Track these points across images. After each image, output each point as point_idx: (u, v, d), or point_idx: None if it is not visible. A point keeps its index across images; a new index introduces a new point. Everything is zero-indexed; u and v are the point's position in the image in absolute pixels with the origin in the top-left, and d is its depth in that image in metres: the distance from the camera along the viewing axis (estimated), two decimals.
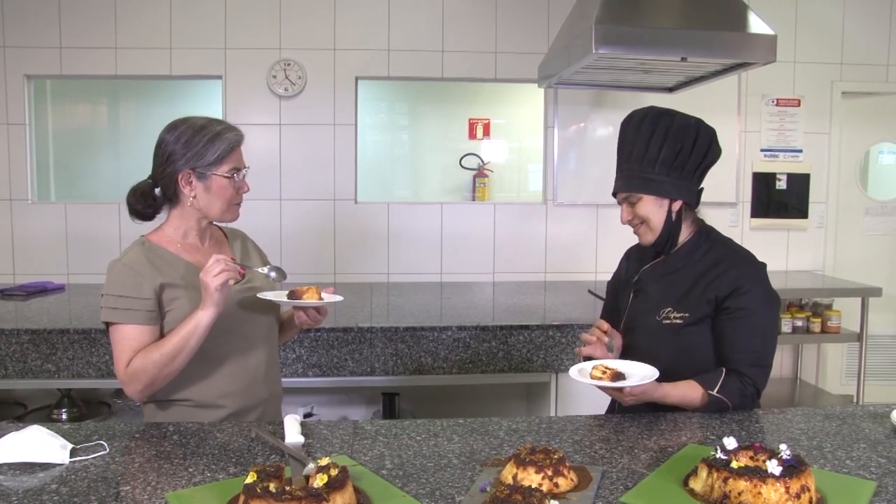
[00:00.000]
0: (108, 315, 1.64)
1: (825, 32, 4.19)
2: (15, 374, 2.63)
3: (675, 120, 1.72)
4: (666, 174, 1.70)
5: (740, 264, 1.73)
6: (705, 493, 1.21)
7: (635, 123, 1.76)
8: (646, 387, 1.58)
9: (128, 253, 1.71)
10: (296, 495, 1.06)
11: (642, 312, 1.81)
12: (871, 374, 3.95)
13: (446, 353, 2.76)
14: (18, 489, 1.25)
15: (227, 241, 1.89)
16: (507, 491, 1.10)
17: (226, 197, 1.72)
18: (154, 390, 1.66)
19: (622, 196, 1.78)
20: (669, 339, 1.73)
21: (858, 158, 4.34)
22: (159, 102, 4.71)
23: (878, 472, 1.35)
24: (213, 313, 1.60)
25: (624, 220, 1.80)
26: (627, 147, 1.76)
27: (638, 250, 1.95)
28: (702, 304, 1.71)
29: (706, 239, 1.79)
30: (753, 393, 1.68)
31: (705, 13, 2.82)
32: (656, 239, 1.76)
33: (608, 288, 2.04)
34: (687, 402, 1.66)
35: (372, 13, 3.93)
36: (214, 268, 1.57)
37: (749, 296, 1.67)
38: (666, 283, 1.78)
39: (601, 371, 1.58)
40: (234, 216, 1.77)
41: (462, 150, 4.97)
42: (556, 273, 4.11)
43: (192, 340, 1.60)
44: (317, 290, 1.74)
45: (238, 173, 1.73)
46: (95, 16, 3.80)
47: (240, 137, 1.74)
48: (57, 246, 3.85)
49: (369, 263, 4.01)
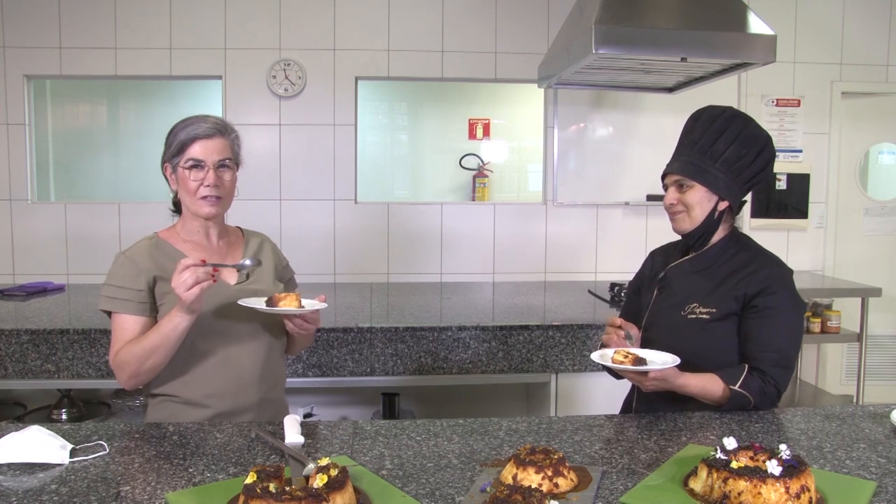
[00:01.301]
0: (104, 303, 1.70)
1: (825, 32, 4.19)
2: (15, 374, 2.62)
3: (750, 126, 1.75)
4: (724, 172, 1.72)
5: (771, 266, 1.75)
6: (705, 494, 1.21)
7: (709, 117, 1.77)
8: (667, 372, 1.58)
9: (134, 246, 1.76)
10: (296, 495, 1.06)
11: (667, 308, 1.81)
12: (870, 374, 3.96)
13: (446, 353, 2.76)
14: (18, 489, 1.25)
15: (242, 242, 1.88)
16: (507, 491, 1.10)
17: (188, 189, 1.71)
18: (141, 381, 1.69)
19: (673, 179, 1.78)
20: (693, 335, 1.73)
21: (858, 158, 4.34)
22: (159, 102, 4.71)
23: (878, 472, 1.35)
24: (190, 319, 1.61)
25: (667, 202, 1.79)
26: (694, 136, 1.76)
27: (663, 250, 1.96)
28: (729, 301, 1.71)
29: (737, 242, 1.81)
30: (774, 393, 1.67)
31: (705, 13, 2.82)
32: (692, 230, 1.77)
33: (629, 287, 2.04)
34: (707, 395, 1.66)
35: (372, 13, 3.93)
36: (187, 279, 1.53)
37: (777, 296, 1.69)
38: (693, 280, 1.79)
39: (623, 356, 1.59)
40: (206, 211, 1.72)
41: (462, 150, 4.97)
42: (556, 273, 4.11)
43: (171, 341, 1.61)
44: (297, 297, 1.68)
45: (200, 165, 1.70)
46: (95, 16, 3.80)
47: (200, 130, 1.70)
48: (57, 246, 3.85)
49: (369, 263, 4.01)
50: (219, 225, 1.81)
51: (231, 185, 1.77)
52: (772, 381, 1.66)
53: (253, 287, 1.79)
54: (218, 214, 1.76)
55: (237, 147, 1.80)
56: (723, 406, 1.68)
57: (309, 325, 1.75)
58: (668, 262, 1.88)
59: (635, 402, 1.88)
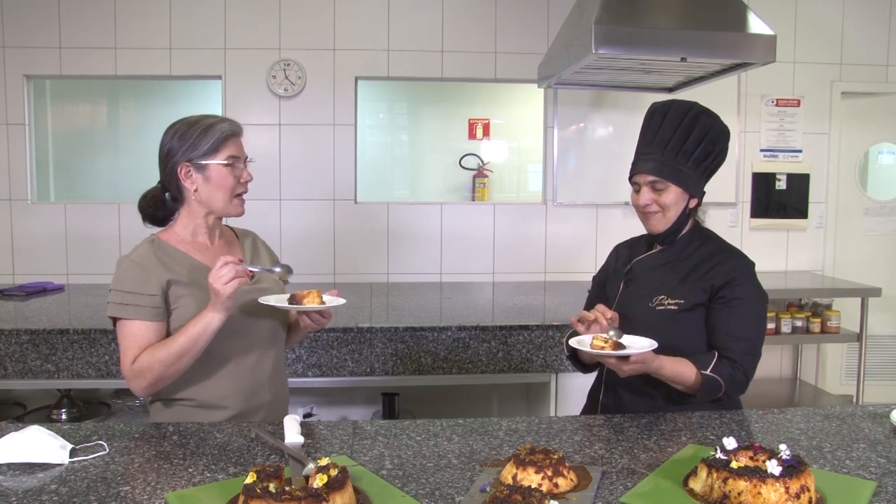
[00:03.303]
0: (114, 310, 1.64)
1: (825, 33, 4.19)
2: (15, 374, 2.62)
3: (717, 123, 1.76)
4: (693, 170, 1.75)
5: (735, 258, 1.79)
6: (705, 494, 1.21)
7: (677, 114, 1.75)
8: (645, 356, 1.59)
9: (136, 249, 1.71)
10: (295, 495, 1.06)
11: (635, 300, 1.83)
12: (870, 374, 3.96)
13: (446, 353, 2.76)
14: (18, 489, 1.25)
15: (237, 241, 1.88)
16: (507, 491, 1.10)
17: (226, 186, 1.70)
18: (158, 388, 1.66)
19: (648, 179, 1.76)
20: (662, 325, 1.74)
21: (858, 158, 4.34)
22: (159, 102, 4.71)
23: (878, 472, 1.35)
24: (223, 317, 1.60)
25: (642, 203, 1.78)
26: (664, 135, 1.75)
27: (628, 244, 1.99)
28: (697, 292, 1.74)
29: (700, 235, 1.84)
30: (743, 380, 1.70)
31: (705, 13, 2.82)
32: (666, 229, 1.78)
33: (594, 281, 2.06)
34: (681, 380, 1.67)
35: (372, 13, 3.93)
36: (226, 274, 1.54)
37: (743, 287, 1.73)
38: (659, 273, 1.82)
39: (602, 341, 1.60)
40: (238, 211, 1.75)
41: (462, 150, 4.97)
42: (555, 273, 4.11)
43: (201, 342, 1.60)
44: (318, 294, 1.71)
45: (238, 161, 1.71)
46: (95, 16, 3.80)
47: (235, 127, 1.73)
48: (56, 246, 3.85)
49: (369, 263, 4.01)
50: (219, 224, 1.82)
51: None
52: (741, 368, 1.69)
53: (261, 286, 1.79)
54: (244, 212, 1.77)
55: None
56: (695, 393, 1.68)
57: (324, 319, 1.78)
58: (633, 256, 1.90)
59: (602, 396, 1.88)
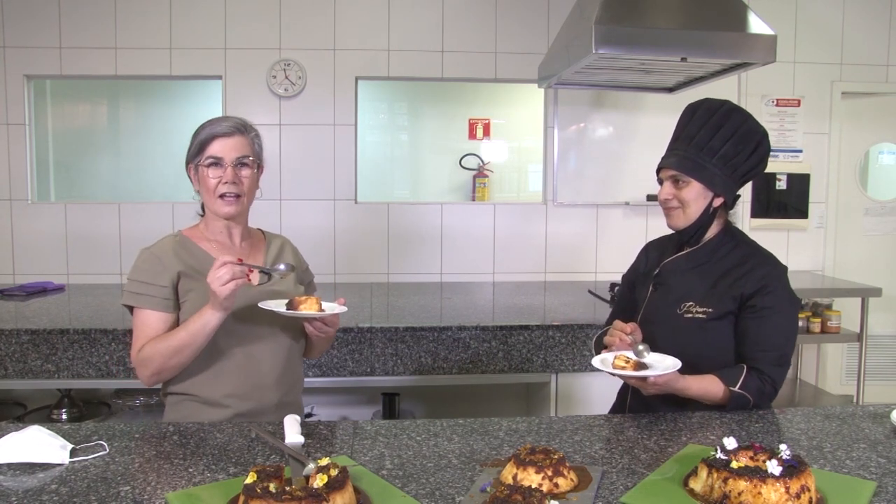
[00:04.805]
0: (127, 298, 1.70)
1: (825, 33, 4.19)
2: (15, 374, 2.62)
3: (748, 121, 1.73)
4: (720, 168, 1.71)
5: (766, 264, 1.74)
6: (705, 494, 1.20)
7: (706, 111, 1.74)
8: (669, 377, 1.58)
9: (159, 242, 1.77)
10: (296, 495, 1.06)
11: (663, 305, 1.80)
12: (870, 374, 3.95)
13: (446, 353, 2.76)
14: (18, 489, 1.25)
15: (263, 244, 1.89)
16: (507, 491, 1.10)
17: (207, 188, 1.73)
18: (163, 378, 1.70)
19: (669, 174, 1.76)
20: (691, 334, 1.72)
21: (858, 158, 4.34)
22: (159, 102, 4.71)
23: (878, 472, 1.35)
24: (222, 316, 1.61)
25: (662, 197, 1.77)
26: (691, 130, 1.74)
27: (658, 244, 1.95)
28: (726, 300, 1.71)
29: (731, 237, 1.80)
30: (771, 392, 1.68)
31: (705, 13, 2.82)
32: (687, 226, 1.76)
33: (623, 281, 2.03)
34: (708, 397, 1.66)
35: (372, 13, 3.93)
36: (223, 275, 1.55)
37: (774, 295, 1.69)
38: (688, 278, 1.78)
39: (624, 361, 1.59)
40: (224, 211, 1.74)
41: (462, 150, 4.97)
42: (556, 273, 4.11)
43: (199, 338, 1.62)
44: (317, 300, 1.69)
45: (219, 162, 1.71)
46: (95, 16, 3.80)
47: (219, 128, 1.72)
48: (57, 246, 3.85)
49: (369, 263, 4.01)
50: (241, 226, 1.83)
51: (250, 184, 1.77)
52: (769, 379, 1.66)
53: (275, 289, 1.80)
54: (237, 213, 1.76)
55: (258, 146, 1.80)
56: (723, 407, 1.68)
57: (328, 328, 1.76)
58: (663, 258, 1.87)
59: (630, 398, 1.87)
